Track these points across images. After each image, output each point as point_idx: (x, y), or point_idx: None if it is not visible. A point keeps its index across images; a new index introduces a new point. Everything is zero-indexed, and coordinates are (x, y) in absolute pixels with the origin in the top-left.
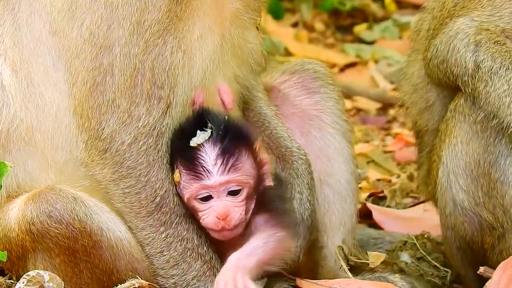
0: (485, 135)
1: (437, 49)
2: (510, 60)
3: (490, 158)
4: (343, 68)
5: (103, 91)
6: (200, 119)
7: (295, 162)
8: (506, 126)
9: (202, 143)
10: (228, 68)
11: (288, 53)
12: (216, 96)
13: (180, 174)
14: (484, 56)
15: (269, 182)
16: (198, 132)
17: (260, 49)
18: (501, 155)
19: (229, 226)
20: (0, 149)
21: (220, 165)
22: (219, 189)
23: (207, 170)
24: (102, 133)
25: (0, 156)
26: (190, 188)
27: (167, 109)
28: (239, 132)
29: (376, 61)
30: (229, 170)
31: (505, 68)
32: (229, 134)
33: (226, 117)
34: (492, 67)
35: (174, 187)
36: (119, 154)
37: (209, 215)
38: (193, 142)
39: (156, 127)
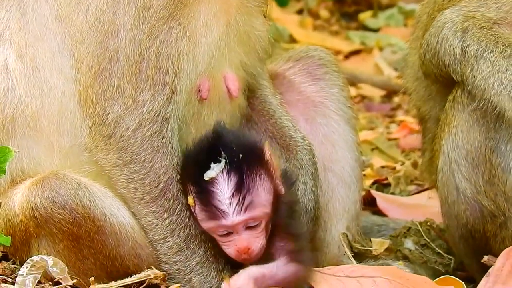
0: (485, 121)
1: (428, 43)
2: (494, 42)
3: (491, 144)
4: (348, 55)
5: (108, 76)
6: (213, 147)
7: (299, 153)
8: (492, 108)
9: (216, 177)
10: (234, 56)
11: (292, 40)
12: (222, 83)
13: (194, 202)
14: (470, 40)
15: (281, 190)
16: (212, 164)
17: (267, 37)
18: (502, 141)
19: (250, 257)
20: (5, 134)
21: (236, 205)
22: (236, 227)
23: (223, 211)
24: (107, 118)
25: (5, 141)
26: (207, 223)
27: (171, 95)
28: (252, 153)
29: (380, 49)
30: (245, 209)
31: (489, 51)
32: (243, 162)
33: (237, 134)
34: (478, 51)
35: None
36: (123, 140)
37: (229, 247)
38: (207, 176)
39: (161, 113)
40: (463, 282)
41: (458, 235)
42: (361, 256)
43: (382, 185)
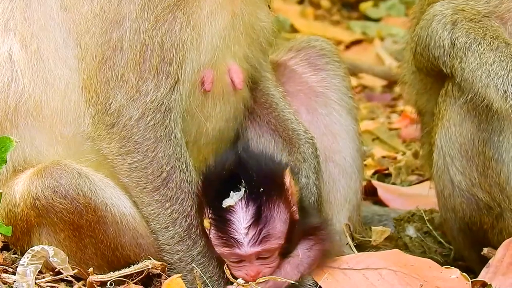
0: (476, 113)
1: (419, 36)
2: (482, 35)
3: (483, 136)
4: (349, 45)
5: (112, 66)
6: (234, 175)
7: (302, 146)
8: (480, 101)
9: (234, 206)
10: (239, 47)
11: (294, 30)
12: (226, 75)
13: (210, 226)
14: (459, 33)
15: (297, 216)
16: (232, 192)
17: (271, 28)
18: (494, 132)
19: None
20: (8, 123)
21: (252, 237)
22: (249, 258)
23: (238, 241)
24: (110, 107)
25: (7, 131)
26: (220, 249)
27: (175, 85)
28: (272, 183)
29: (382, 39)
30: (261, 242)
31: (477, 43)
32: (263, 193)
33: (259, 159)
34: (466, 43)
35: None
36: (126, 129)
37: (239, 271)
38: (226, 204)
39: (164, 103)
40: (465, 274)
41: (456, 228)
42: (362, 247)
43: (383, 175)
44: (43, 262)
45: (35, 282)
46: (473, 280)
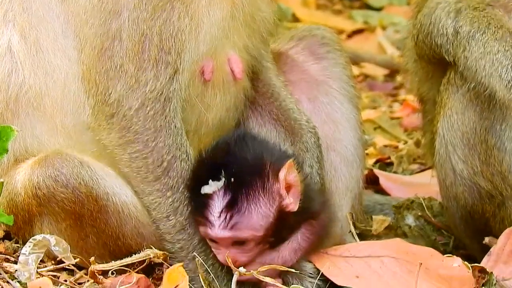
0: (479, 101)
1: (421, 23)
2: (487, 24)
3: (486, 124)
4: (351, 35)
5: (111, 56)
6: (216, 165)
7: (305, 136)
8: (483, 90)
9: (211, 193)
10: (239, 37)
11: (295, 19)
12: (225, 65)
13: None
14: (463, 21)
15: (293, 207)
16: (210, 181)
17: (272, 18)
18: (497, 120)
19: (240, 265)
20: (9, 113)
21: (222, 221)
22: (222, 242)
23: (210, 222)
24: (109, 98)
25: (9, 121)
26: (199, 227)
27: (174, 75)
28: (257, 178)
29: (383, 28)
30: (231, 227)
31: (481, 32)
32: (243, 186)
33: (251, 151)
34: (470, 32)
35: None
36: (126, 119)
37: (219, 254)
38: (203, 191)
39: (163, 93)
40: (467, 263)
41: (458, 217)
42: (363, 236)
43: (384, 164)
44: (45, 251)
45: (37, 271)
46: (472, 265)
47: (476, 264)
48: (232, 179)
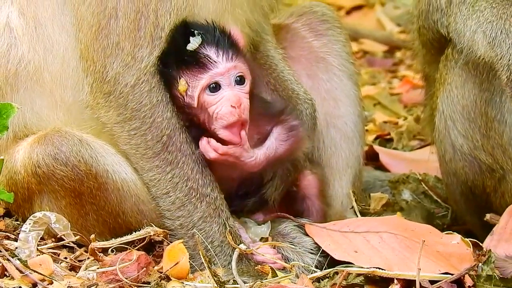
0: (477, 72)
1: (420, 11)
2: None
3: (486, 95)
4: (350, 11)
5: (108, 34)
6: (186, 29)
7: (300, 105)
8: (468, 51)
9: (198, 47)
10: (240, 12)
11: None
12: None
13: (186, 80)
14: None
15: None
16: (191, 38)
17: None
18: (496, 92)
19: (243, 114)
20: (8, 88)
21: (224, 54)
22: (228, 75)
23: (213, 61)
24: (107, 76)
25: (8, 95)
26: (199, 82)
27: None
28: (224, 29)
29: (382, 4)
30: (232, 57)
31: None
32: (220, 33)
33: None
34: None
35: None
36: (122, 96)
37: (222, 106)
38: (190, 46)
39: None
40: (468, 240)
41: (459, 192)
42: (361, 214)
43: (384, 140)
44: (45, 228)
45: (37, 249)
46: (471, 240)
47: (474, 240)
48: (207, 30)
